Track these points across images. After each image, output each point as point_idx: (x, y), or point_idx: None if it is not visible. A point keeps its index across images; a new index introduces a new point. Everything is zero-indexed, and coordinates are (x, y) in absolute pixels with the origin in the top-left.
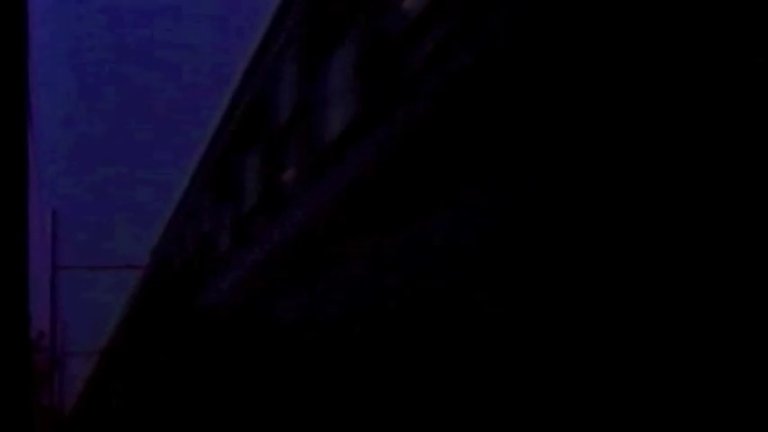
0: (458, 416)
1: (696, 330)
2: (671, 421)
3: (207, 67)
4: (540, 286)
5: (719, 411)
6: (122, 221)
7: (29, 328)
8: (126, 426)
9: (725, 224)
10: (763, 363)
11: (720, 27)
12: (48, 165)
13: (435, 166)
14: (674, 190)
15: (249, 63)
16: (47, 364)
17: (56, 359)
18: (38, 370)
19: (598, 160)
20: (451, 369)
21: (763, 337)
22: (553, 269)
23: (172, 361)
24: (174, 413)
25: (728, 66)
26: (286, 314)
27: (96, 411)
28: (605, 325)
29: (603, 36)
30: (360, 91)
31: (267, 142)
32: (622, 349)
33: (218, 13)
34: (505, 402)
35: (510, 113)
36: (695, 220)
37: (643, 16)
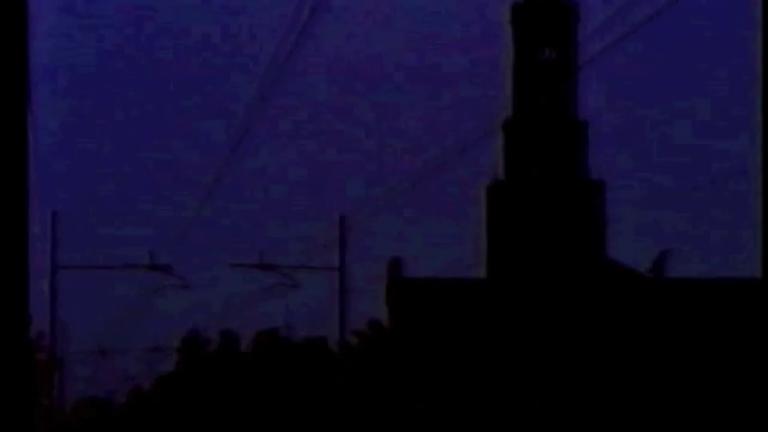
0: None
1: None
2: None
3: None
4: None
5: None
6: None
7: (29, 328)
8: None
9: None
10: None
11: None
12: (48, 165)
13: None
14: None
15: None
16: (47, 364)
17: (56, 359)
18: (38, 370)
19: None
20: None
21: None
22: None
23: None
24: None
25: None
26: None
27: None
28: None
29: None
30: None
31: None
32: None
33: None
34: None
35: None
36: None
37: None
